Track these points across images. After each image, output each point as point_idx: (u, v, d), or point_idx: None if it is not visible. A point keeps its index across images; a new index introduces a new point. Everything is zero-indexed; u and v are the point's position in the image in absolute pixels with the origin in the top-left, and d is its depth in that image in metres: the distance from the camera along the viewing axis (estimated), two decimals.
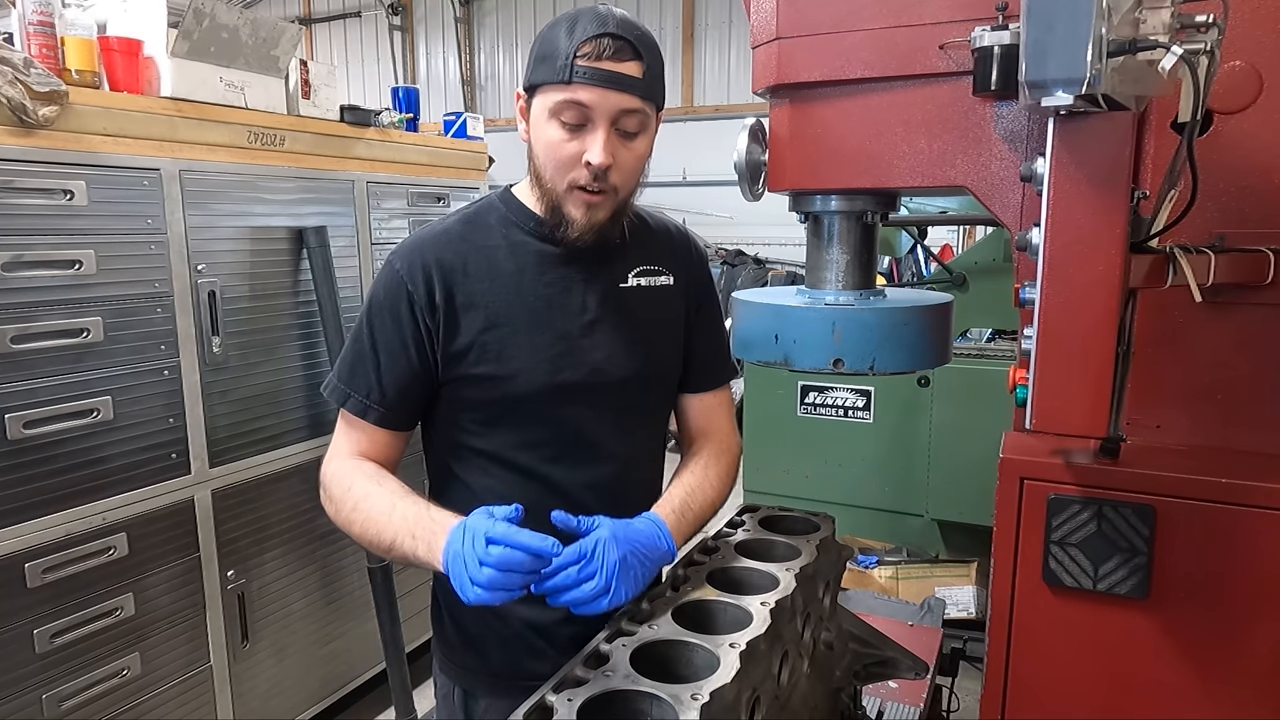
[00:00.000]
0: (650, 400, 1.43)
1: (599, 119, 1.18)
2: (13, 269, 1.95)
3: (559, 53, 1.17)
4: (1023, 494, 1.21)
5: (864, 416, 3.38)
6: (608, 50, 1.16)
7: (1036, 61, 0.86)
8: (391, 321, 1.28)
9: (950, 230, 8.09)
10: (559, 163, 1.22)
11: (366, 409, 1.30)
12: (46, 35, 2.06)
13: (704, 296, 1.46)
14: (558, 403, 1.30)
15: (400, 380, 1.29)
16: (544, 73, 1.19)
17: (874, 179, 1.16)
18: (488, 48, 12.29)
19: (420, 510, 1.19)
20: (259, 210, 2.55)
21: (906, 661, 1.52)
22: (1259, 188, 1.18)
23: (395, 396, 1.30)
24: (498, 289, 1.28)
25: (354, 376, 1.31)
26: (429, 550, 1.13)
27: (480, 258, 1.29)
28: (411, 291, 1.27)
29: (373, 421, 1.30)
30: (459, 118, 3.46)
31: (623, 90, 1.18)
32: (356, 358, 1.31)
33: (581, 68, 1.16)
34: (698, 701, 0.90)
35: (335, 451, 1.34)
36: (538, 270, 1.30)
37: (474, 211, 1.35)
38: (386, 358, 1.29)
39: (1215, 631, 1.15)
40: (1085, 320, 0.97)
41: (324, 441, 2.84)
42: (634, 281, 1.37)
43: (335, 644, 2.92)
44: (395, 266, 1.29)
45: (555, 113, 1.19)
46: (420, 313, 1.27)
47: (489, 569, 1.03)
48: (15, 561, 2.00)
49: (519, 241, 1.31)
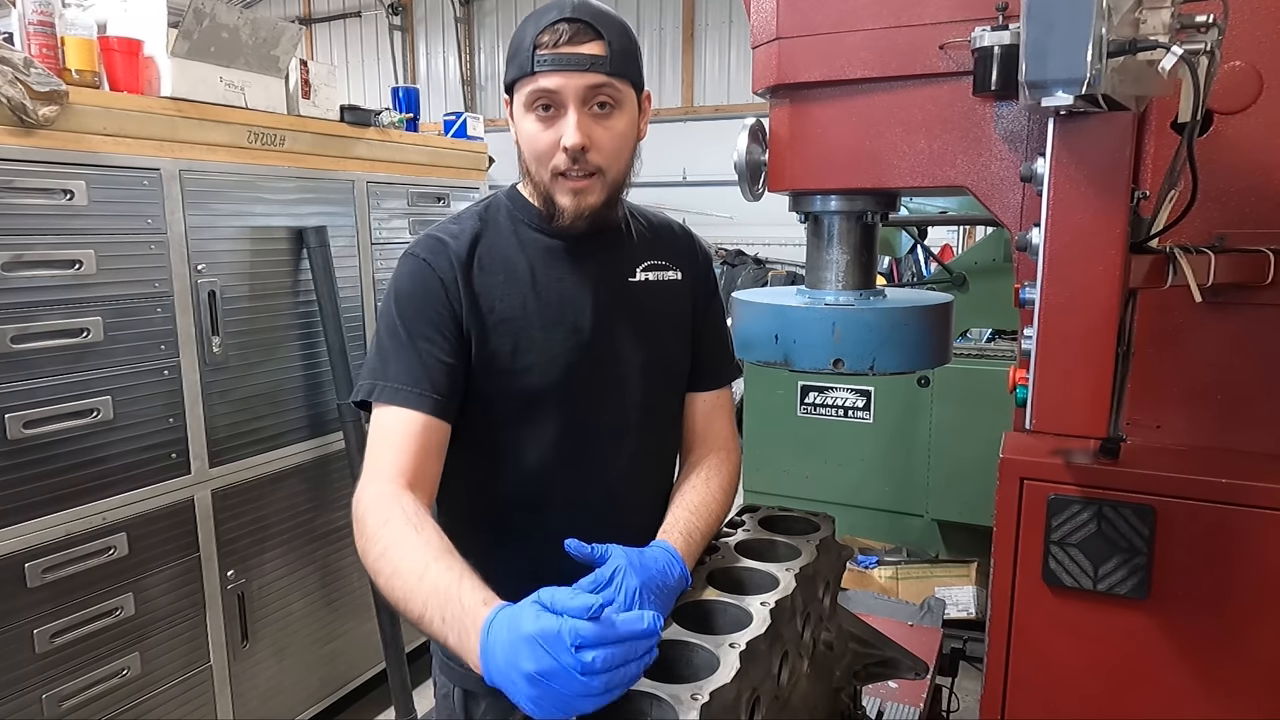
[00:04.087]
0: (661, 395, 1.42)
1: (568, 102, 1.19)
2: (13, 269, 1.95)
3: (523, 46, 1.20)
4: (1023, 494, 1.21)
5: (864, 416, 3.38)
6: (564, 34, 1.18)
7: (1036, 61, 0.86)
8: (426, 306, 1.24)
9: (950, 230, 8.08)
10: (538, 153, 1.23)
11: (420, 398, 1.19)
12: (46, 35, 2.06)
13: (710, 295, 1.47)
14: (571, 397, 1.30)
15: (447, 365, 1.23)
16: (514, 69, 1.22)
17: (874, 179, 1.16)
18: (488, 48, 12.29)
19: (452, 583, 0.99)
20: (259, 210, 2.55)
21: (906, 661, 1.52)
22: (1259, 188, 1.18)
23: (446, 383, 1.22)
24: (511, 284, 1.28)
25: (398, 371, 1.21)
26: (460, 644, 0.95)
27: (494, 253, 1.29)
28: (442, 278, 1.25)
29: (427, 411, 1.19)
30: (459, 118, 3.46)
31: (585, 70, 1.18)
32: (394, 353, 1.23)
33: (542, 55, 1.18)
34: (698, 701, 0.90)
35: (372, 474, 1.17)
36: (548, 266, 1.31)
37: (484, 208, 1.36)
38: (427, 344, 1.22)
39: (1215, 631, 1.15)
40: (1085, 320, 0.97)
41: (324, 441, 2.90)
42: (642, 276, 1.37)
43: (335, 644, 2.92)
44: (421, 257, 1.27)
45: (529, 105, 1.21)
46: (451, 298, 1.25)
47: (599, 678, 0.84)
48: (15, 561, 2.00)
49: (529, 238, 1.32)
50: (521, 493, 1.33)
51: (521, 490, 1.33)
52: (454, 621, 0.96)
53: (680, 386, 1.45)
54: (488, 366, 1.27)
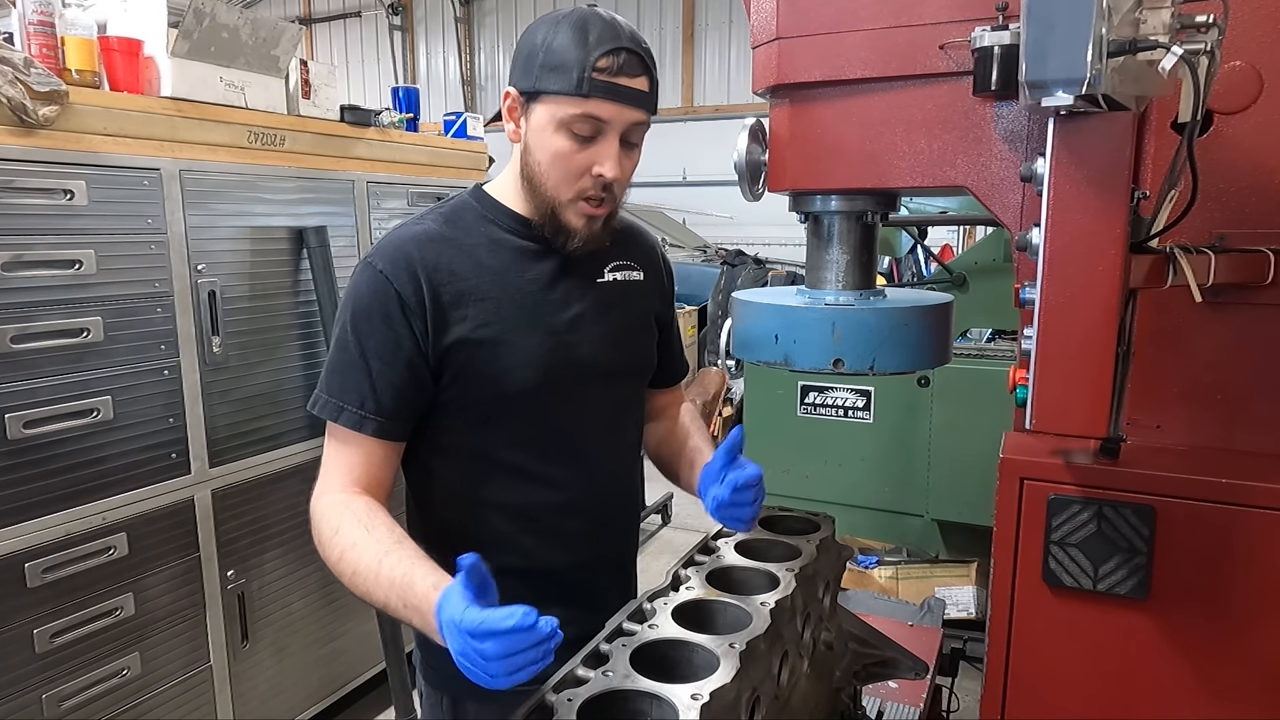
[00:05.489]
0: (633, 394, 1.46)
1: (611, 132, 1.19)
2: (13, 269, 1.95)
3: (572, 63, 1.16)
4: (1023, 494, 1.21)
5: (864, 416, 3.38)
6: (625, 66, 1.17)
7: (1036, 61, 0.86)
8: (382, 324, 1.22)
9: (950, 230, 8.10)
10: (567, 173, 1.22)
11: (362, 421, 1.21)
12: (47, 35, 2.06)
13: (671, 300, 1.55)
14: (548, 398, 1.30)
15: (397, 386, 1.22)
16: (555, 82, 1.17)
17: (874, 179, 1.16)
18: (488, 48, 12.30)
19: (407, 570, 1.07)
20: (259, 210, 2.55)
21: (906, 661, 1.52)
22: (1259, 188, 1.18)
23: (392, 404, 1.23)
24: (483, 287, 1.27)
25: (345, 388, 1.22)
26: (424, 623, 1.03)
27: (463, 256, 1.27)
28: (399, 291, 1.21)
29: (370, 433, 1.22)
30: (459, 118, 3.46)
31: (637, 106, 1.20)
32: (345, 367, 1.23)
33: (600, 82, 1.16)
34: (698, 701, 0.90)
35: (325, 483, 1.23)
36: (519, 267, 1.30)
37: (449, 210, 1.33)
38: (379, 363, 1.22)
39: (1215, 631, 1.15)
40: (1085, 320, 0.97)
41: (324, 441, 2.87)
42: (610, 276, 1.38)
43: (335, 644, 2.93)
44: (377, 267, 1.23)
45: (566, 124, 1.19)
46: (410, 313, 1.22)
47: (496, 663, 0.92)
48: (15, 561, 2.00)
49: (499, 239, 1.30)
50: (501, 495, 1.33)
51: (501, 492, 1.33)
52: (414, 607, 1.05)
53: (646, 383, 1.50)
54: (462, 372, 1.26)
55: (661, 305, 1.50)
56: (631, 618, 1.10)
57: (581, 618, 1.12)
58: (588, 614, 1.14)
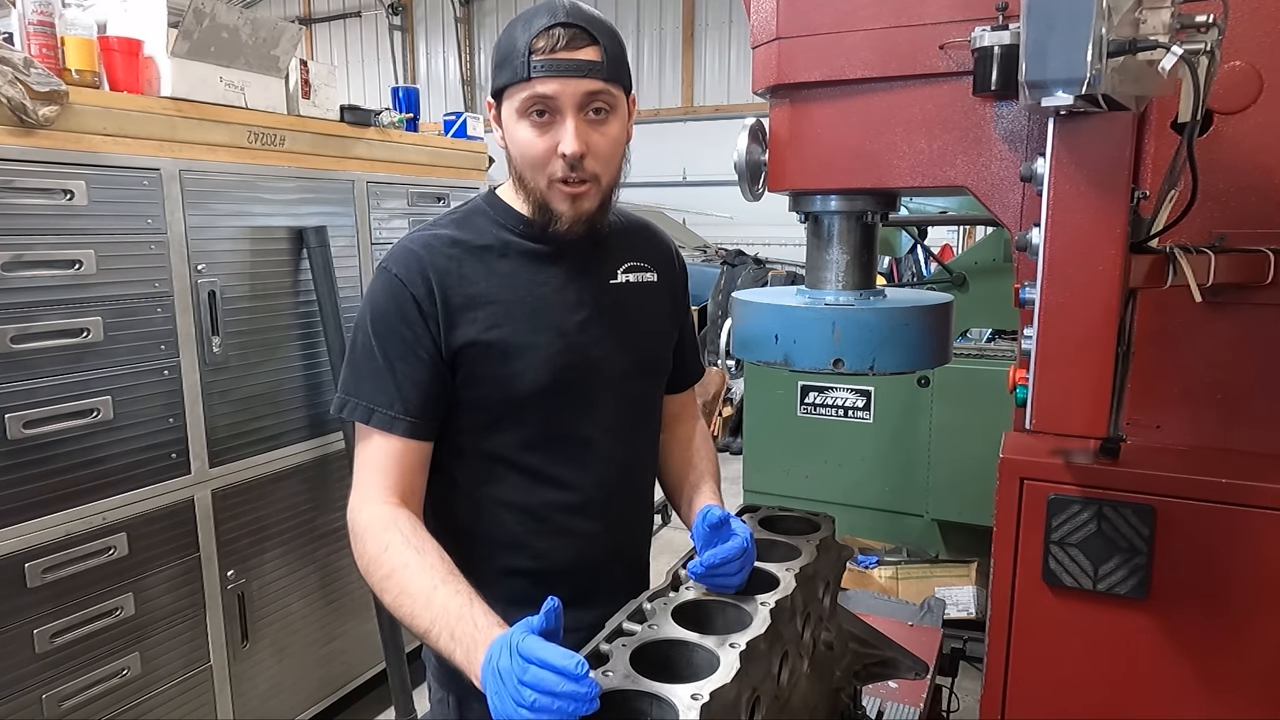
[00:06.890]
0: (647, 396, 1.44)
1: (565, 108, 1.19)
2: (13, 269, 1.95)
3: (516, 51, 1.18)
4: (1023, 494, 1.21)
5: (864, 416, 3.38)
6: (561, 40, 1.17)
7: (1036, 61, 0.86)
8: (401, 326, 1.24)
9: (950, 230, 8.10)
10: (534, 160, 1.23)
11: (394, 421, 1.23)
12: (46, 35, 2.06)
13: (686, 303, 1.54)
14: (560, 400, 1.30)
15: (422, 386, 1.24)
16: (505, 75, 1.21)
17: (874, 179, 1.16)
18: (488, 48, 12.29)
19: (463, 605, 1.07)
20: (259, 210, 2.55)
21: (906, 661, 1.52)
22: (1259, 188, 1.18)
23: (420, 404, 1.24)
24: (495, 290, 1.28)
25: (376, 391, 1.24)
26: (466, 658, 1.02)
27: (474, 260, 1.29)
28: (414, 294, 1.24)
29: (402, 434, 1.23)
30: (459, 118, 3.46)
31: (583, 76, 1.18)
32: (370, 372, 1.25)
33: (538, 61, 1.17)
34: (698, 701, 0.90)
35: (364, 494, 1.23)
36: (531, 270, 1.30)
37: (462, 215, 1.35)
38: (403, 365, 1.24)
39: (1215, 631, 1.15)
40: (1085, 320, 0.97)
41: (324, 441, 2.90)
42: (623, 278, 1.38)
43: (335, 644, 2.92)
44: (393, 272, 1.26)
45: (522, 111, 1.20)
46: (426, 315, 1.24)
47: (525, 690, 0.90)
48: (15, 561, 2.00)
49: (510, 242, 1.31)
50: (513, 495, 1.33)
51: (513, 493, 1.33)
52: (464, 638, 1.03)
53: (662, 386, 1.49)
54: (473, 374, 1.27)
55: (676, 307, 1.49)
56: (631, 618, 1.10)
57: (593, 618, 1.12)
58: (599, 614, 1.14)
